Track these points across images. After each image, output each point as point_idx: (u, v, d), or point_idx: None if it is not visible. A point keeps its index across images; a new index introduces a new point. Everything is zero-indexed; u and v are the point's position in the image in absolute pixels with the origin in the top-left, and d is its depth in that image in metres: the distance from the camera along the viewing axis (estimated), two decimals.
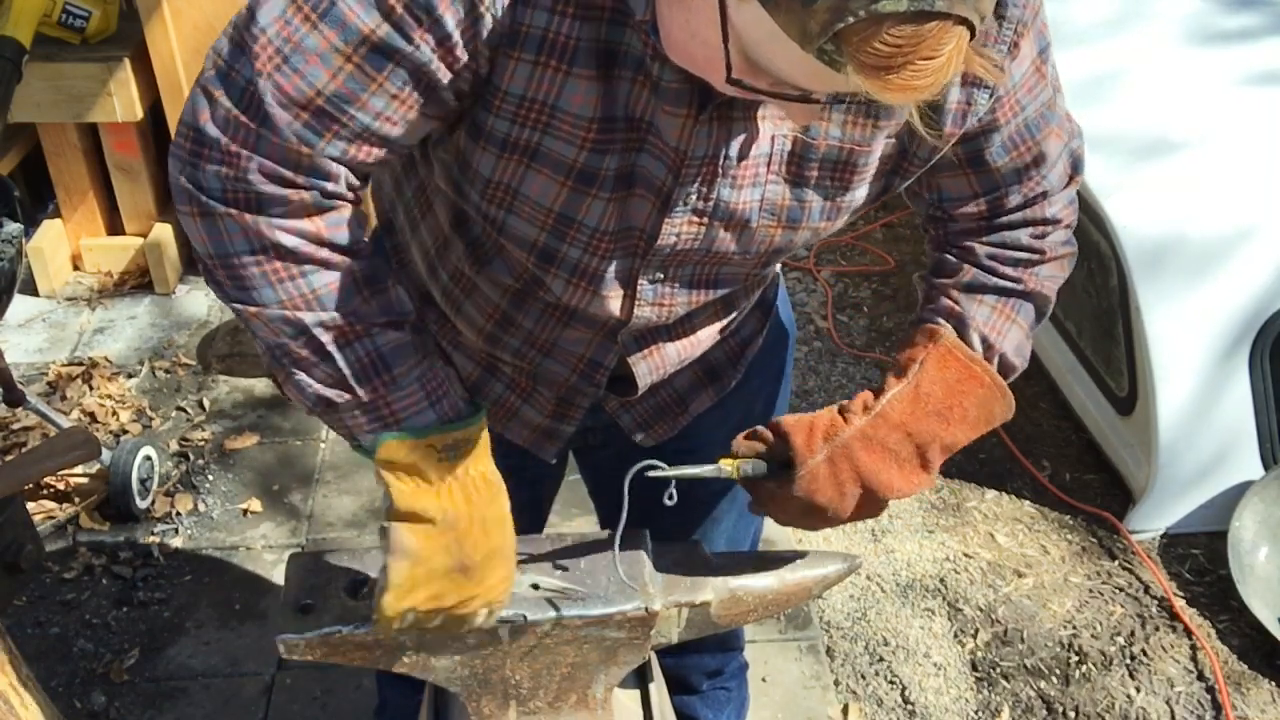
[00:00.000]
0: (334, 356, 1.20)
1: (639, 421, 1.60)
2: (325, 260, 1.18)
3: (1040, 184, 1.36)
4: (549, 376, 1.51)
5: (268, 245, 1.16)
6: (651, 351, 1.48)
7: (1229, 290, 2.68)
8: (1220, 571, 2.69)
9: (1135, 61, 3.09)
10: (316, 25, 1.10)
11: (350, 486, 3.00)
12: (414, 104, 1.14)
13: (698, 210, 1.27)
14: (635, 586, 1.36)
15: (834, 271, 3.75)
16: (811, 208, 1.30)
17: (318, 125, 1.12)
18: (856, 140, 1.25)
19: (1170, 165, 2.78)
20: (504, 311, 1.45)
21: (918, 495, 2.94)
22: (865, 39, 0.93)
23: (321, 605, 1.35)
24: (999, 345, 1.38)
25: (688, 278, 1.38)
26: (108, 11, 3.36)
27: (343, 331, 1.19)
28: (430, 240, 1.45)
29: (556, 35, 1.13)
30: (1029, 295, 1.40)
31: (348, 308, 1.19)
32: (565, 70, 1.15)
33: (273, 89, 1.10)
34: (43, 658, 2.54)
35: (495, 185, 1.26)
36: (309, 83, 1.10)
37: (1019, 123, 1.29)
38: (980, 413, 1.36)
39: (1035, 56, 1.26)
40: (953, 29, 0.94)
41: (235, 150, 1.13)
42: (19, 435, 3.09)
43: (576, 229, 1.28)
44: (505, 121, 1.19)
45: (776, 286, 1.67)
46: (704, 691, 2.09)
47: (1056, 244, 1.40)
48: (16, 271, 2.65)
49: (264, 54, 1.10)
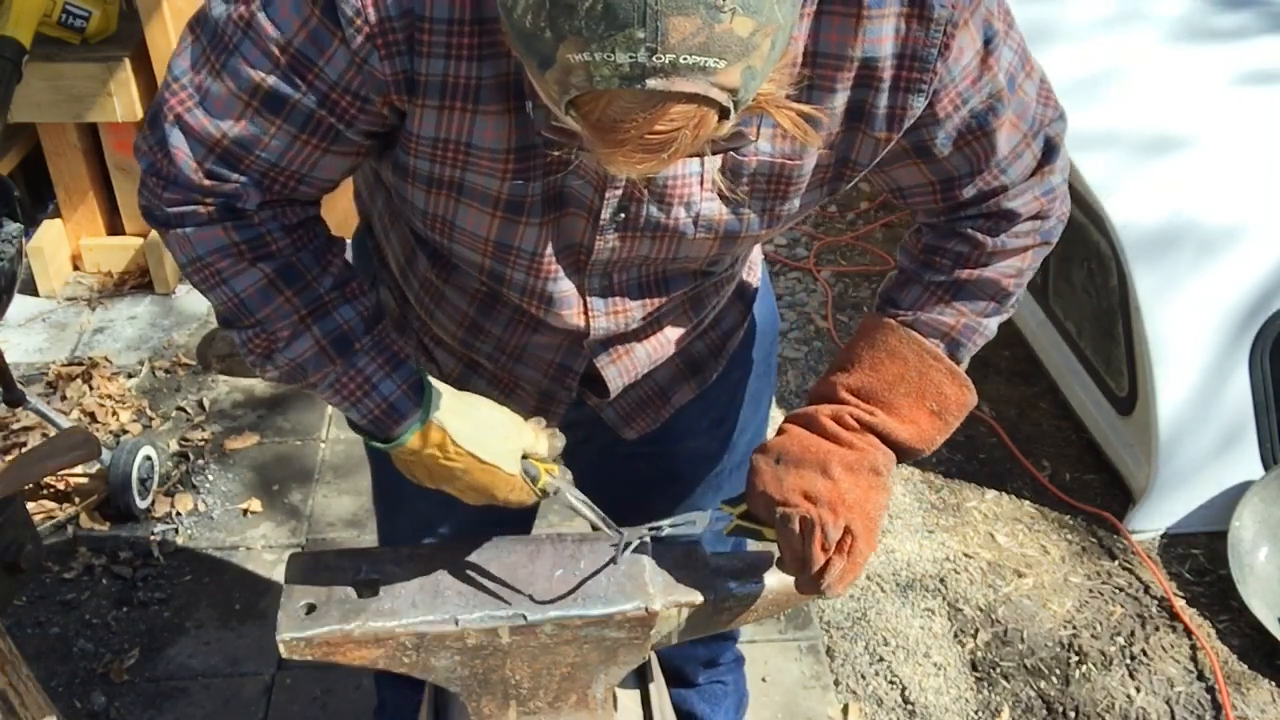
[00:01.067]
0: (265, 366, 1.34)
1: (622, 416, 1.61)
2: (237, 266, 1.29)
3: (998, 178, 1.33)
4: (523, 378, 1.54)
5: (193, 258, 1.29)
6: (620, 355, 1.50)
7: (1229, 290, 2.68)
8: (1220, 571, 2.69)
9: (1135, 60, 3.09)
10: (220, 73, 1.20)
11: (350, 486, 3.00)
12: (317, 145, 1.23)
13: (626, 226, 1.30)
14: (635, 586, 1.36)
15: (834, 271, 3.75)
16: (749, 220, 1.32)
17: (229, 161, 1.23)
18: (787, 154, 1.26)
19: (1170, 164, 2.78)
20: (472, 319, 1.48)
21: (918, 495, 2.95)
22: (592, 110, 0.97)
23: (322, 605, 1.35)
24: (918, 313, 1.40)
25: (634, 283, 1.40)
26: (108, 11, 3.35)
27: (264, 345, 1.32)
28: (399, 249, 1.50)
29: (457, 78, 1.17)
30: (962, 285, 1.39)
31: (270, 309, 1.29)
32: (472, 110, 1.19)
33: (178, 129, 1.22)
34: (43, 658, 2.54)
35: (432, 217, 1.31)
36: (215, 125, 1.21)
37: (964, 114, 1.26)
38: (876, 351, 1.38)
39: (980, 49, 1.23)
40: (681, 107, 0.96)
41: (153, 180, 1.27)
42: (19, 435, 3.09)
43: (516, 254, 1.32)
44: (425, 161, 1.24)
45: (758, 278, 1.68)
46: (700, 685, 2.09)
47: (1010, 237, 1.37)
48: (16, 271, 2.65)
49: (174, 99, 1.22)
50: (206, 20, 1.21)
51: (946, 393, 1.39)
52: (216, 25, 1.19)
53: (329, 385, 1.33)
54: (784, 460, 1.35)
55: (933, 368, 1.38)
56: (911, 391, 1.38)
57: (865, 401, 1.38)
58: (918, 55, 1.20)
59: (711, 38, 0.93)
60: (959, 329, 1.40)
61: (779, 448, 1.37)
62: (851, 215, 3.97)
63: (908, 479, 3.01)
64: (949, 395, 1.39)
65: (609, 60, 0.93)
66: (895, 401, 1.38)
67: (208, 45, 1.20)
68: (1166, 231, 2.68)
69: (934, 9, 1.18)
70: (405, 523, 1.77)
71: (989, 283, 1.39)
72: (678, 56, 0.92)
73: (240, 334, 1.32)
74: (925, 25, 1.19)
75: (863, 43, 1.18)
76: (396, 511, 1.81)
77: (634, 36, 0.92)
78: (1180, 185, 2.75)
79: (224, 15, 1.18)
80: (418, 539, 1.71)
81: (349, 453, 3.08)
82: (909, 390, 1.38)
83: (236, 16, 1.17)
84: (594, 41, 0.92)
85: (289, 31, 1.15)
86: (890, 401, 1.38)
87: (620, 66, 0.93)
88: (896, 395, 1.38)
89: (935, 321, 1.40)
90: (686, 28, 0.92)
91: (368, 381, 1.32)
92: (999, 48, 1.25)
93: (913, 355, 1.38)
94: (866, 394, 1.38)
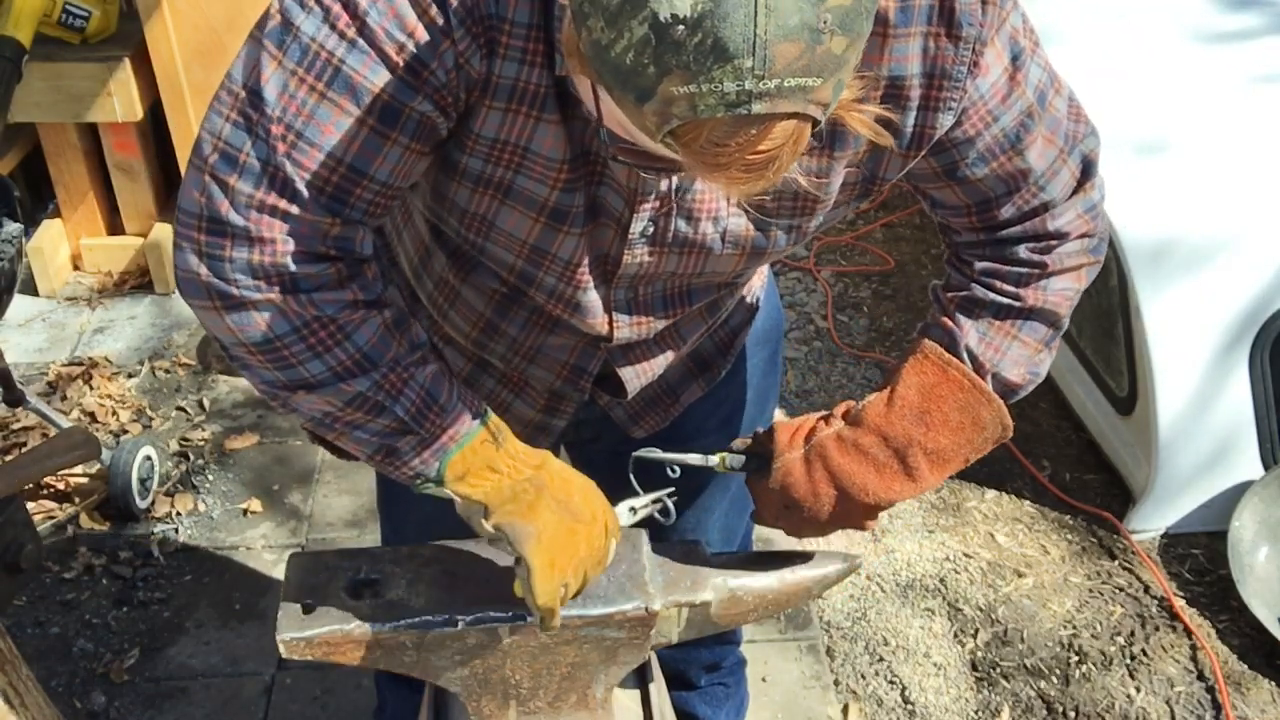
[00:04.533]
0: (391, 408, 1.23)
1: (631, 414, 1.62)
2: (362, 319, 1.20)
3: (1037, 195, 1.32)
4: (534, 379, 1.53)
5: (308, 320, 1.17)
6: (637, 357, 1.51)
7: (1228, 290, 2.68)
8: (1220, 571, 2.69)
9: (1135, 61, 3.09)
10: (325, 95, 1.10)
11: (350, 486, 3.00)
12: (422, 151, 1.17)
13: (654, 240, 1.30)
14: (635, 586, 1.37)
15: (834, 271, 3.75)
16: (776, 236, 1.32)
17: (342, 193, 1.14)
18: (815, 171, 1.26)
19: (1170, 165, 2.78)
20: (489, 319, 1.48)
21: (918, 496, 2.94)
22: (694, 138, 0.96)
23: (322, 605, 1.35)
24: (990, 363, 1.37)
25: (659, 295, 1.41)
26: (108, 11, 3.35)
27: (392, 383, 1.23)
28: (413, 249, 1.49)
29: (527, 84, 1.16)
30: (1031, 312, 1.37)
31: (390, 355, 1.22)
32: (536, 116, 1.18)
33: (291, 166, 1.10)
34: (43, 658, 2.54)
35: (471, 216, 1.29)
36: (330, 154, 1.11)
37: (994, 133, 1.26)
38: (963, 417, 1.36)
39: (1008, 65, 1.23)
40: (782, 125, 0.95)
41: (266, 236, 1.13)
42: (19, 435, 3.09)
43: (551, 260, 1.32)
44: (479, 160, 1.22)
45: (765, 277, 1.68)
46: (702, 687, 2.09)
47: (1065, 255, 1.36)
48: (16, 271, 2.65)
49: (275, 131, 1.10)
50: (287, 35, 1.10)
51: (987, 450, 1.40)
52: (312, 41, 1.10)
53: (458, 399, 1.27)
54: (836, 483, 1.38)
55: (997, 437, 1.38)
56: (968, 453, 1.39)
57: (930, 465, 1.37)
58: (947, 73, 1.20)
59: (813, 59, 0.92)
60: (1023, 384, 1.40)
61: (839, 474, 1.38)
62: (852, 215, 3.97)
63: None
64: (987, 451, 1.40)
65: (715, 90, 0.92)
66: (951, 462, 1.39)
67: (299, 65, 1.10)
68: (1167, 232, 2.68)
69: (962, 27, 1.18)
70: (408, 522, 1.77)
71: (1051, 309, 1.37)
72: (782, 81, 0.92)
73: (366, 380, 1.21)
74: (955, 43, 1.19)
75: (889, 61, 1.18)
76: (400, 511, 1.81)
77: (742, 66, 0.91)
78: (1180, 186, 2.75)
79: (319, 29, 1.09)
80: (421, 541, 1.71)
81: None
82: (967, 452, 1.38)
83: (343, 25, 1.09)
84: (701, 74, 0.91)
85: (402, 34, 1.09)
86: (948, 463, 1.38)
87: (726, 95, 0.92)
88: (956, 457, 1.38)
89: (1006, 380, 1.38)
90: (791, 53, 0.91)
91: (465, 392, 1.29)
92: (1026, 64, 1.25)
93: (991, 426, 1.37)
94: (936, 456, 1.37)
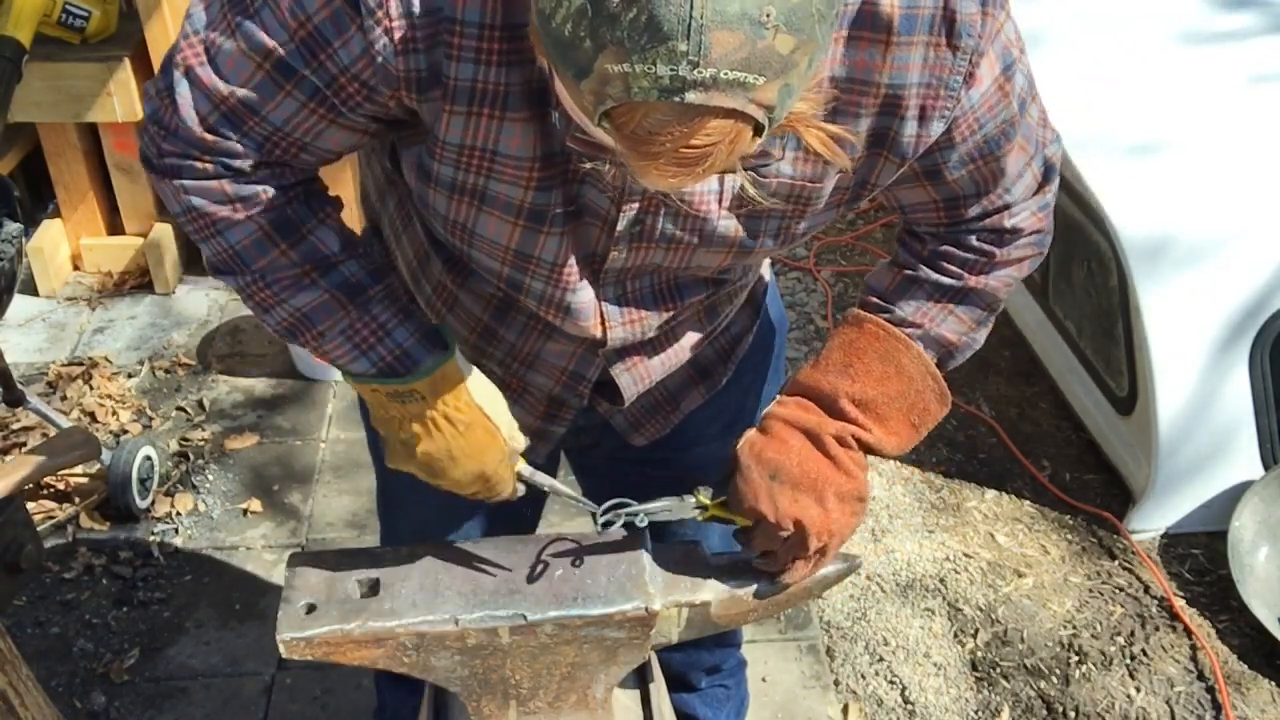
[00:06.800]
0: (264, 319, 1.33)
1: (631, 422, 1.61)
2: (232, 218, 1.27)
3: (1001, 196, 1.35)
4: (533, 385, 1.53)
5: (187, 208, 1.28)
6: (635, 363, 1.50)
7: (1228, 290, 2.68)
8: (1220, 571, 2.69)
9: (1135, 61, 3.09)
10: (234, 33, 1.18)
11: (350, 486, 3.00)
12: (323, 116, 1.21)
13: (641, 238, 1.30)
14: (635, 586, 1.37)
15: (834, 271, 3.75)
16: (765, 238, 1.33)
17: (232, 120, 1.22)
18: (809, 176, 1.26)
19: (1170, 165, 2.78)
20: (486, 324, 1.48)
21: (917, 495, 2.95)
22: (627, 122, 0.95)
23: (322, 605, 1.35)
24: (926, 325, 1.40)
25: (648, 291, 1.40)
26: (108, 11, 3.35)
27: (265, 297, 1.31)
28: (411, 253, 1.49)
29: (485, 84, 1.16)
30: (970, 293, 1.40)
31: (262, 263, 1.29)
32: (500, 116, 1.18)
33: (188, 81, 1.21)
34: (43, 658, 2.54)
35: (452, 223, 1.30)
36: (224, 82, 1.20)
37: (978, 139, 1.27)
38: (886, 366, 1.37)
39: (998, 76, 1.24)
40: (719, 122, 0.95)
41: (154, 129, 1.26)
42: (19, 435, 3.09)
43: (536, 264, 1.32)
44: (449, 168, 1.23)
45: (766, 283, 1.68)
46: (703, 689, 2.09)
47: (1015, 248, 1.39)
48: (16, 271, 2.65)
49: (187, 50, 1.21)
50: None
51: (931, 410, 1.41)
52: None
53: (340, 333, 1.31)
54: (779, 478, 1.35)
55: (930, 388, 1.40)
56: (904, 407, 1.39)
57: (864, 413, 1.38)
58: (944, 83, 1.20)
59: (753, 54, 0.92)
60: (959, 345, 1.42)
61: (776, 463, 1.36)
62: (851, 215, 3.97)
63: (908, 479, 3.01)
64: (932, 412, 1.41)
65: (649, 72, 0.91)
66: (889, 415, 1.39)
67: (227, 3, 1.18)
68: (1166, 232, 2.68)
69: (962, 37, 1.19)
70: (406, 527, 1.77)
71: (990, 292, 1.41)
72: (719, 71, 0.91)
73: (238, 281, 1.31)
74: (954, 53, 1.19)
75: (890, 70, 1.19)
76: (399, 516, 1.81)
77: (676, 49, 0.90)
78: (1180, 185, 2.75)
79: None
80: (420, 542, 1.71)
81: (349, 453, 3.08)
82: (903, 406, 1.39)
83: None
84: (635, 53, 0.91)
85: (310, 8, 1.14)
86: (886, 416, 1.39)
87: (660, 79, 0.91)
88: (892, 410, 1.39)
89: (941, 338, 1.40)
90: (730, 43, 0.90)
91: (381, 328, 1.31)
92: (1015, 74, 1.26)
93: (918, 375, 1.39)
94: (867, 406, 1.38)
